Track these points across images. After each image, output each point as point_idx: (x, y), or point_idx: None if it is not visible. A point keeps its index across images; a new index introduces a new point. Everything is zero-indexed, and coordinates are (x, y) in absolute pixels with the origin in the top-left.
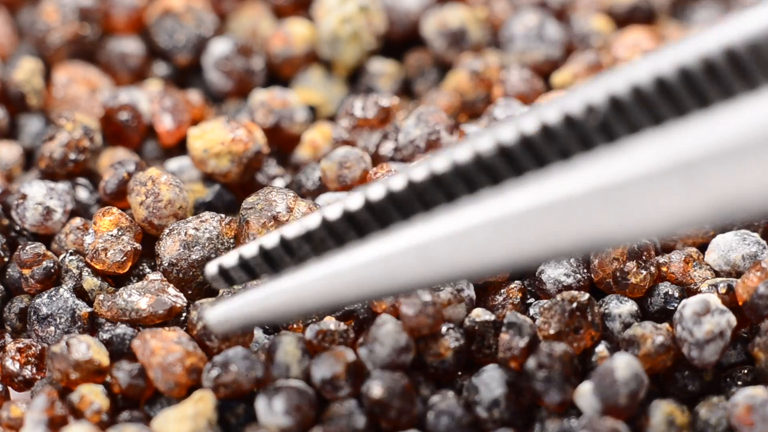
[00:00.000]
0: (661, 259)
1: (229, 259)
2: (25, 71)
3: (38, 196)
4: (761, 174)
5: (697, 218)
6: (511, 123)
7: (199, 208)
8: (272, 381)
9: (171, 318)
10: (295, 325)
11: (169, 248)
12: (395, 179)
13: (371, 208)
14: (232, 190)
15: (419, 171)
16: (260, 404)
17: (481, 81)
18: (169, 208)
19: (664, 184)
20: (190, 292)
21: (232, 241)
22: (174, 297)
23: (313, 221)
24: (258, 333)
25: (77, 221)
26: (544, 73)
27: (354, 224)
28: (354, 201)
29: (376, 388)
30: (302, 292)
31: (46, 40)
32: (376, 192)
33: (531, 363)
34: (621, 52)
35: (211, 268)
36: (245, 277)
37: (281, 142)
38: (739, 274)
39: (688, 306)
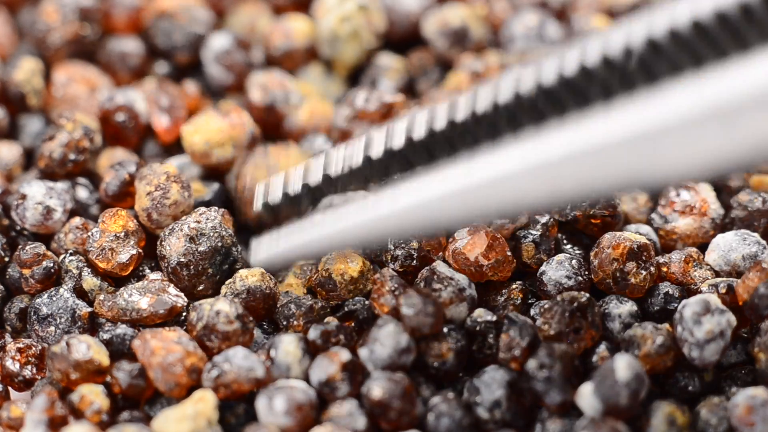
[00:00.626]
0: (661, 259)
1: (274, 195)
2: (25, 71)
3: (38, 195)
4: None
5: (735, 162)
6: (553, 62)
7: (198, 207)
8: (273, 381)
9: (172, 318)
10: (295, 322)
11: (174, 245)
12: (438, 118)
13: (414, 145)
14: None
15: (462, 110)
16: (261, 404)
17: (482, 82)
18: (172, 208)
19: (703, 129)
20: (201, 288)
21: (231, 230)
22: (174, 297)
23: (356, 158)
24: (257, 333)
25: (77, 221)
26: None
27: (398, 161)
28: (398, 138)
29: (376, 389)
30: (343, 236)
31: (47, 40)
32: (419, 130)
33: (532, 363)
34: None
35: (258, 204)
36: (291, 210)
37: (270, 127)
38: (739, 274)
39: (688, 306)
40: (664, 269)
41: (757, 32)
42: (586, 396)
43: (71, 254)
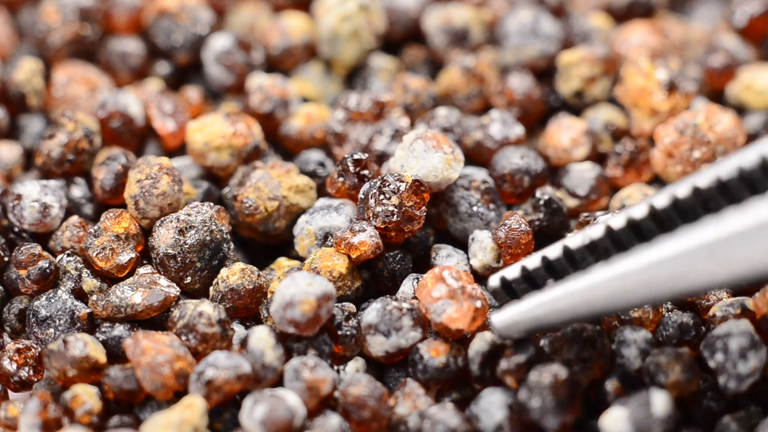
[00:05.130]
0: None
1: (512, 272)
2: (26, 71)
3: (33, 193)
4: None
5: None
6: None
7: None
8: (261, 379)
9: (167, 309)
10: None
11: (163, 237)
12: (680, 188)
13: (655, 215)
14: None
15: (704, 179)
16: (246, 404)
17: (474, 77)
18: (160, 198)
19: None
20: (188, 281)
21: (224, 227)
22: (167, 288)
23: (597, 231)
24: (240, 329)
25: (74, 219)
26: (541, 69)
27: (637, 233)
28: (638, 210)
29: (354, 387)
30: (587, 295)
31: (47, 40)
32: (660, 200)
33: (522, 394)
34: (625, 49)
35: (494, 281)
36: (527, 288)
37: (267, 131)
38: None
39: (734, 338)
40: None
41: None
42: (618, 420)
43: (69, 255)
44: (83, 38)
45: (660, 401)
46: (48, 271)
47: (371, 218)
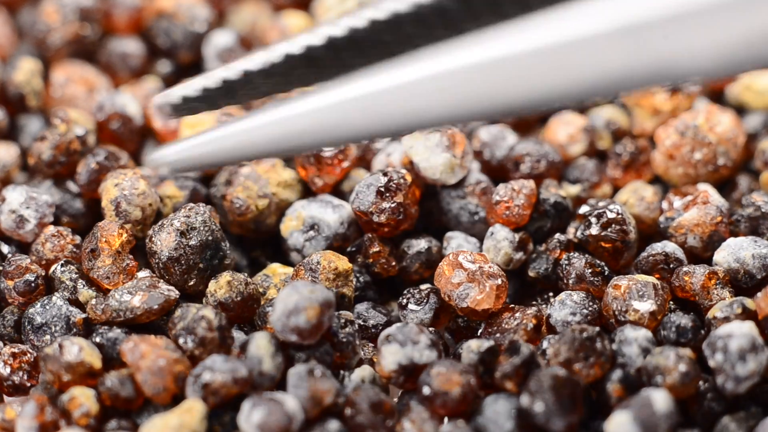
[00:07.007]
0: (685, 268)
1: (192, 89)
2: (25, 72)
3: (14, 203)
4: (699, 38)
5: (639, 81)
6: None
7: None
8: (259, 387)
9: (166, 313)
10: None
11: (165, 240)
12: (356, 18)
13: (332, 46)
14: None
15: (380, 12)
16: (244, 407)
17: None
18: (140, 198)
19: (606, 46)
20: (192, 283)
21: (218, 226)
22: (167, 291)
23: (275, 55)
24: (238, 335)
25: (51, 229)
26: None
27: (314, 62)
28: (315, 37)
29: (354, 391)
30: (253, 136)
31: (47, 40)
32: (337, 30)
33: (525, 399)
34: None
35: (175, 96)
36: (205, 107)
37: None
38: (747, 272)
39: (735, 339)
40: (686, 278)
41: None
42: (624, 424)
43: (63, 265)
44: (83, 38)
45: (661, 398)
46: (33, 285)
47: (376, 213)
